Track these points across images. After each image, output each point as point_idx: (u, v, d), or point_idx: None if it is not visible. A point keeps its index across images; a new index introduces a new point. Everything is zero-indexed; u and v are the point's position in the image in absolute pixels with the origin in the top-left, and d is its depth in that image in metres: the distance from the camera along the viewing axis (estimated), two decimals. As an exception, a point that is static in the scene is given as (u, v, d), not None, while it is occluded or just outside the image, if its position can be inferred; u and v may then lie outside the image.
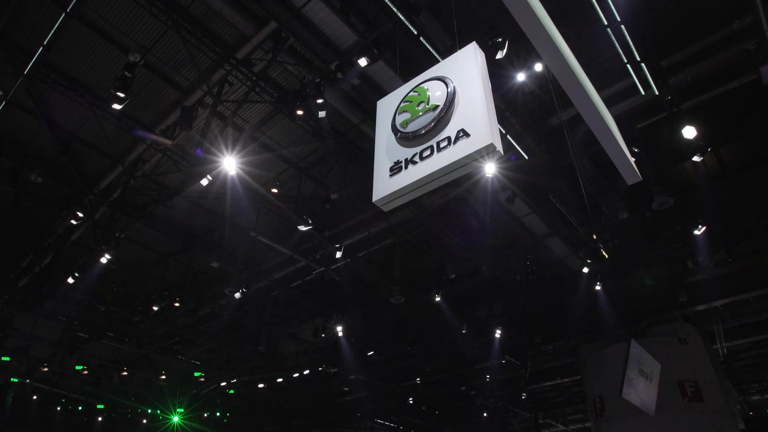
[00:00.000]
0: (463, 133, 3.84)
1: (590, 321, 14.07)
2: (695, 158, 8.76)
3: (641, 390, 12.63)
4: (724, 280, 12.47)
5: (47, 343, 16.77)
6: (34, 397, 20.22)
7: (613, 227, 10.85)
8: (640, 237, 11.61)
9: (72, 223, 10.80)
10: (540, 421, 22.59)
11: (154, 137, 9.43)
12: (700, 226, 10.17)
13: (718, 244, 11.33)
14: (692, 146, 8.62)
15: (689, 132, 8.47)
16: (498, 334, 14.52)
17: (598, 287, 12.05)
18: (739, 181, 10.06)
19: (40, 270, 12.40)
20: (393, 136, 4.33)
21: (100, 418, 22.72)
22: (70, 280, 12.01)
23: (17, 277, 13.09)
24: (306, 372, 17.90)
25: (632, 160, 5.64)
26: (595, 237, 10.78)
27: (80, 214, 10.52)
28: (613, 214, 10.54)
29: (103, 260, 11.04)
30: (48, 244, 12.13)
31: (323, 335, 15.17)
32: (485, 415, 22.91)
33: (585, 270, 11.60)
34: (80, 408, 21.69)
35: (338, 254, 11.68)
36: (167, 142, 9.42)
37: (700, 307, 13.66)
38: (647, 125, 8.99)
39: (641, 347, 12.82)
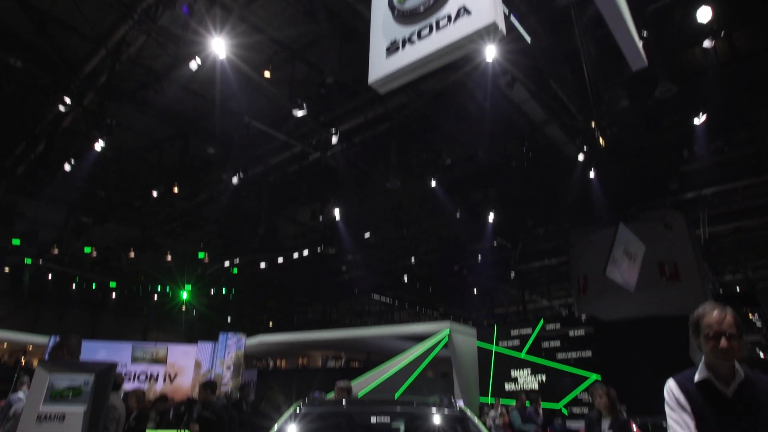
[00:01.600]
0: (464, 11, 3.56)
1: (581, 206, 14.43)
2: (706, 43, 8.39)
3: (624, 269, 13.35)
4: (717, 169, 12.60)
5: (53, 227, 17.23)
6: (49, 277, 21.24)
7: (613, 115, 10.69)
8: (638, 125, 11.49)
9: (60, 110, 10.52)
10: (526, 298, 24.15)
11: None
12: (701, 114, 10.03)
13: (717, 133, 11.26)
14: (705, 30, 8.21)
15: (704, 13, 8.02)
16: (491, 217, 14.94)
17: (591, 174, 12.18)
18: (748, 68, 9.71)
19: (36, 157, 12.33)
20: (390, 14, 4.03)
21: (113, 295, 24.12)
22: (67, 167, 12.01)
23: (14, 165, 13.08)
24: (305, 253, 18.68)
25: (640, 44, 5.40)
26: (593, 124, 10.67)
27: (67, 101, 10.22)
28: (614, 101, 10.32)
29: (98, 147, 10.96)
30: (39, 131, 11.93)
31: (321, 218, 15.55)
32: (475, 292, 24.38)
33: (580, 157, 11.63)
34: (94, 286, 22.92)
35: (334, 139, 11.59)
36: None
37: (690, 195, 13.97)
38: (660, 7, 8.46)
39: (628, 230, 13.32)
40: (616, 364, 12.28)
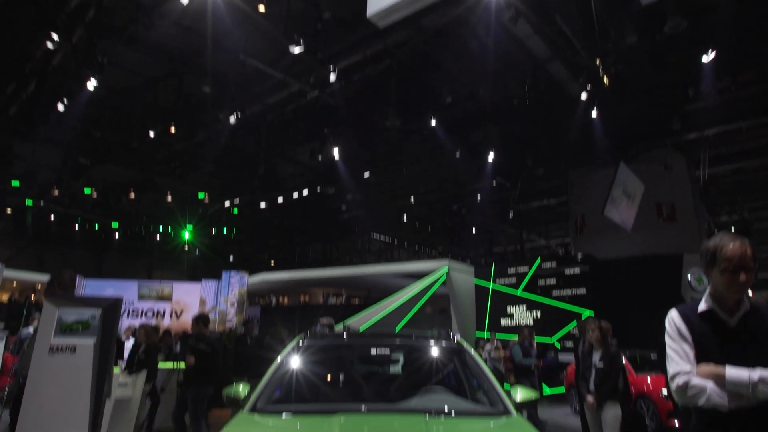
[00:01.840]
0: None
1: (582, 146, 14.33)
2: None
3: (622, 209, 13.46)
4: (722, 109, 12.40)
5: (51, 169, 17.18)
6: (52, 218, 21.39)
7: (618, 52, 10.39)
8: (644, 63, 11.19)
9: (48, 48, 10.21)
10: (524, 237, 24.44)
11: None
12: (710, 51, 9.74)
13: (725, 71, 10.99)
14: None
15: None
16: (491, 157, 14.87)
17: (594, 114, 12.01)
18: (761, 4, 9.34)
19: (27, 97, 12.10)
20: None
21: (116, 236, 24.40)
22: (60, 107, 11.81)
23: (6, 105, 12.85)
24: (305, 192, 18.73)
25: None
26: (598, 61, 10.40)
27: (55, 37, 9.89)
28: (621, 38, 9.99)
29: (90, 86, 10.73)
30: (29, 70, 11.64)
31: (320, 158, 15.48)
32: (474, 231, 24.63)
33: (583, 96, 11.42)
34: (96, 227, 23.14)
35: (332, 77, 11.34)
36: None
37: (692, 136, 13.83)
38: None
39: (628, 170, 13.31)
40: (609, 301, 12.61)
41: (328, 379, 3.71)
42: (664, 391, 8.41)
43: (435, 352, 3.68)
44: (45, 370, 2.48)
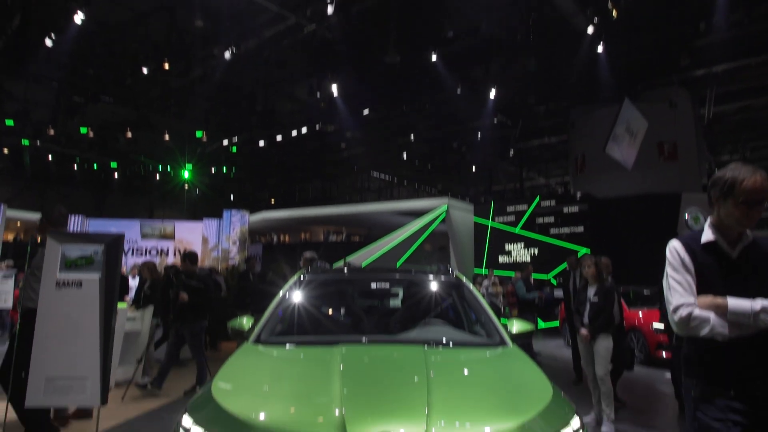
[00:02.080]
0: None
1: (586, 84, 14.01)
2: None
3: (624, 146, 13.37)
4: (732, 44, 12.00)
5: (45, 107, 16.87)
6: (49, 158, 21.24)
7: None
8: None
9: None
10: (524, 175, 24.39)
11: None
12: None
13: (739, 3, 10.55)
14: None
15: None
16: (492, 93, 14.57)
17: (599, 49, 11.64)
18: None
19: (13, 31, 11.67)
20: None
21: (116, 175, 24.34)
22: (48, 42, 11.44)
23: (-8, 41, 12.42)
24: (304, 130, 18.50)
25: None
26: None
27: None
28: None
29: (77, 20, 10.35)
30: (10, 1, 11.16)
31: (318, 95, 15.17)
32: (474, 169, 24.54)
33: (589, 30, 11.03)
34: (95, 167, 23.03)
35: (329, 9, 10.91)
36: None
37: (699, 72, 13.48)
38: None
39: (633, 106, 13.09)
40: (605, 239, 12.76)
41: (330, 312, 3.83)
42: (655, 325, 8.70)
43: (434, 286, 3.76)
44: (54, 305, 2.55)
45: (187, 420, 2.04)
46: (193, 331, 6.26)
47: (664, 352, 8.51)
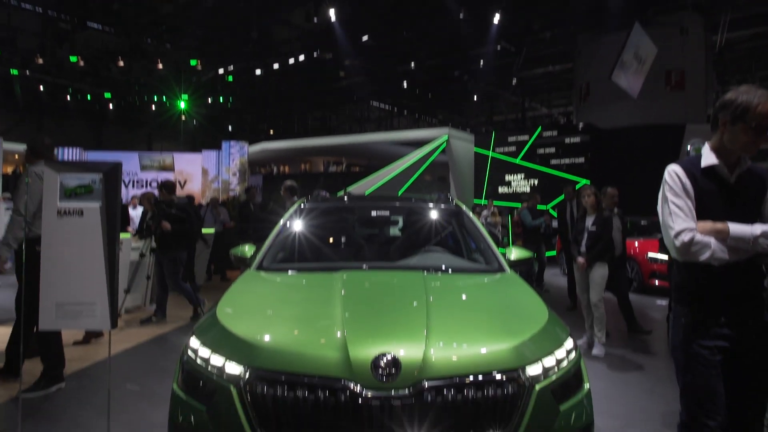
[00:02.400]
0: None
1: (595, 7, 13.41)
2: None
3: (631, 74, 13.00)
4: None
5: (31, 35, 16.25)
6: (41, 88, 20.71)
7: None
8: None
9: None
10: (526, 105, 23.92)
11: None
12: None
13: None
14: None
15: None
16: (496, 19, 13.98)
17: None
18: None
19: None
20: None
21: (111, 106, 23.84)
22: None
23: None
24: (301, 58, 17.93)
25: None
26: None
27: None
28: None
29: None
30: None
31: (315, 20, 14.57)
32: (475, 98, 24.02)
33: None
34: (89, 97, 22.50)
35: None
36: None
37: (716, -7, 12.86)
38: None
39: (643, 31, 12.60)
40: (606, 171, 12.70)
41: (331, 240, 3.87)
42: (650, 254, 8.86)
43: (434, 214, 3.78)
44: (57, 234, 2.58)
45: (194, 342, 2.12)
46: (175, 259, 6.31)
47: (657, 281, 8.73)
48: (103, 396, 2.98)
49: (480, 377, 1.83)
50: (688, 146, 13.28)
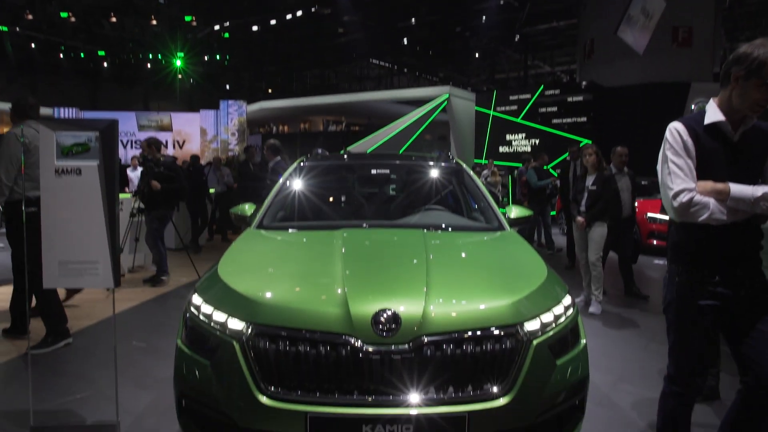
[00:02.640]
0: None
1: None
2: None
3: (637, 30, 12.70)
4: None
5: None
6: (32, 46, 20.25)
7: None
8: None
9: None
10: (528, 63, 23.45)
11: None
12: None
13: None
14: None
15: None
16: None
17: None
18: None
19: None
20: None
21: (105, 64, 23.37)
22: None
23: None
24: (299, 13, 17.47)
25: None
26: None
27: None
28: None
29: None
30: None
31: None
32: (477, 56, 23.54)
33: None
34: (82, 55, 22.03)
35: None
36: None
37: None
38: None
39: (652, -16, 12.25)
40: (608, 130, 12.58)
41: (330, 199, 3.86)
42: (649, 214, 8.87)
43: (434, 172, 3.75)
44: (56, 192, 2.57)
45: (196, 299, 2.15)
46: (162, 218, 6.27)
47: (655, 240, 8.77)
48: (110, 352, 3.05)
49: (478, 332, 1.86)
50: (693, 105, 13.13)
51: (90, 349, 4.14)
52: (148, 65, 22.80)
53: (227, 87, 28.29)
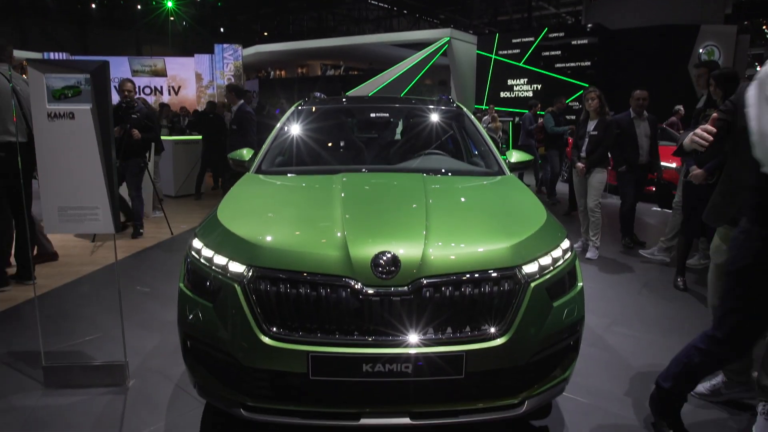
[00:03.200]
0: None
1: None
2: None
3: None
4: None
5: None
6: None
7: None
8: None
9: None
10: (533, 3, 22.62)
11: None
12: None
13: None
14: None
15: None
16: None
17: None
18: None
19: None
20: None
21: (93, 5, 22.55)
22: None
23: None
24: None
25: None
26: None
27: None
28: None
29: None
30: None
31: None
32: (480, -3, 22.71)
33: None
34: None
35: None
36: None
37: None
38: None
39: None
40: (612, 74, 12.31)
41: (329, 143, 3.81)
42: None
43: (435, 116, 3.68)
44: (49, 137, 2.53)
45: (197, 243, 2.16)
46: (140, 166, 6.12)
47: (654, 187, 8.74)
48: (115, 297, 3.10)
49: (476, 275, 1.88)
50: (701, 49, 12.77)
51: (95, 295, 4.22)
52: (138, 6, 22.00)
53: (221, 30, 27.43)
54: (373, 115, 4.07)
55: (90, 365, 2.80)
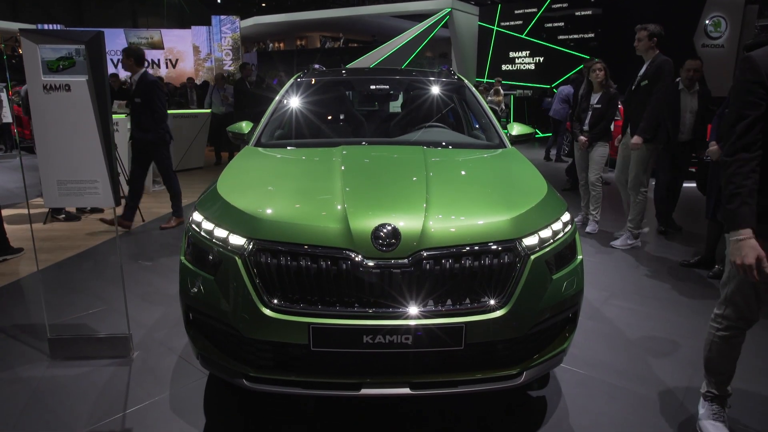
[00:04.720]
0: None
1: None
2: None
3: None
4: None
5: None
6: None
7: None
8: None
9: None
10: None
11: None
12: None
13: None
14: None
15: None
16: None
17: None
18: None
19: None
20: None
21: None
22: None
23: None
24: None
25: None
26: None
27: None
28: None
29: None
30: None
31: None
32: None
33: None
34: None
35: None
36: None
37: None
38: None
39: None
40: (616, 47, 12.07)
41: (329, 116, 3.77)
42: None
43: (436, 88, 3.63)
44: (45, 110, 2.50)
45: (197, 216, 2.16)
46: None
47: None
48: (118, 270, 3.12)
49: (477, 247, 1.89)
50: (707, 20, 12.53)
51: (98, 269, 4.24)
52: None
53: (218, 1, 26.93)
54: (372, 87, 4.01)
55: (94, 337, 2.83)
